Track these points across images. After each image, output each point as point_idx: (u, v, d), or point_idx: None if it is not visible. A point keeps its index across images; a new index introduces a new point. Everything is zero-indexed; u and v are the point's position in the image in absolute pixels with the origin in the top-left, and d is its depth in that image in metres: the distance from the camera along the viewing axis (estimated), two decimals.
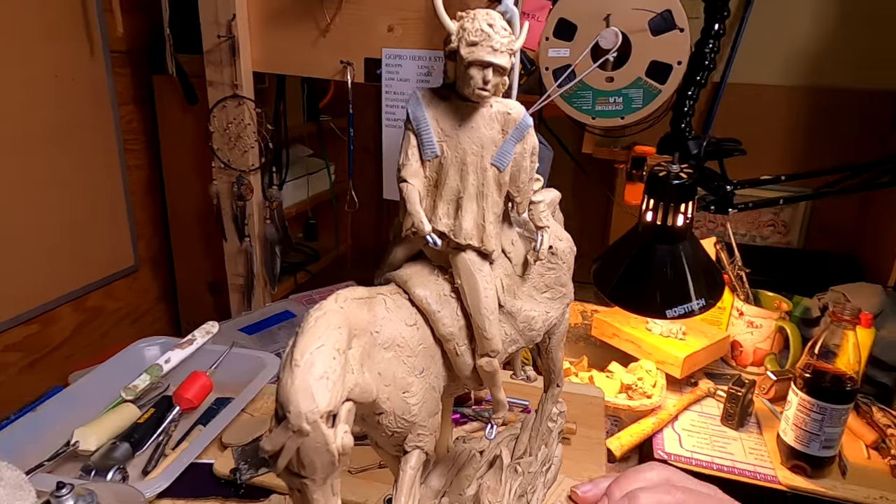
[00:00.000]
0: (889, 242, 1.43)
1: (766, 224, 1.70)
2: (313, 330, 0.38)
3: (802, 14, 1.57)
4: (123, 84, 1.50)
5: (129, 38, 1.48)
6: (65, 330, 1.44)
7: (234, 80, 1.28)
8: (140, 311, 1.66)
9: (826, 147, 1.62)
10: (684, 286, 0.95)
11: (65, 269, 1.39)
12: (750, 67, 1.61)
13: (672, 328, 1.20)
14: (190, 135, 1.54)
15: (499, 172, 0.43)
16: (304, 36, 1.24)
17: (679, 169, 0.95)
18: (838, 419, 0.91)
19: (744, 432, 1.06)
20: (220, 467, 0.82)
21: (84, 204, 1.42)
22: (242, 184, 1.34)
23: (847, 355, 0.90)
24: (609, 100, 1.05)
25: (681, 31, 0.99)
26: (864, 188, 1.12)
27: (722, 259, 1.23)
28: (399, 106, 1.25)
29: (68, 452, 0.79)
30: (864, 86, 1.56)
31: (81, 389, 0.90)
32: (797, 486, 0.94)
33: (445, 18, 0.41)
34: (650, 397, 1.09)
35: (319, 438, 0.34)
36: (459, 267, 0.45)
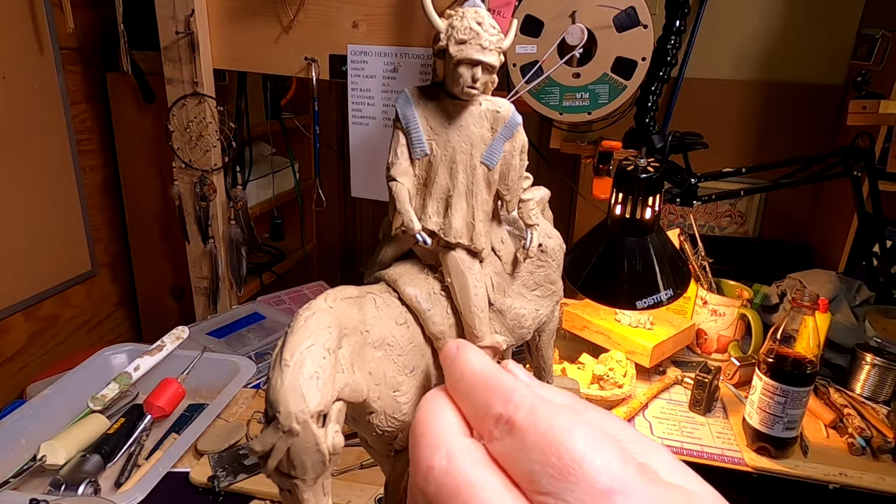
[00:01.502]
0: (839, 230, 1.49)
1: (724, 215, 1.75)
2: (303, 329, 0.37)
3: (753, 10, 1.62)
4: (75, 82, 1.44)
5: (80, 35, 1.42)
6: (17, 340, 1.38)
7: (193, 77, 1.25)
8: (98, 317, 1.60)
9: (778, 139, 1.69)
10: (653, 278, 0.98)
11: (15, 276, 1.33)
12: (705, 62, 1.66)
13: (640, 319, 1.22)
14: (148, 134, 1.49)
15: (488, 170, 0.43)
16: (266, 32, 1.21)
17: (646, 163, 0.97)
18: (800, 401, 0.95)
19: (711, 417, 1.10)
20: (196, 475, 0.80)
21: (36, 207, 1.36)
22: (205, 184, 1.31)
23: (806, 340, 0.94)
24: (576, 95, 1.07)
25: (644, 27, 1.01)
26: (818, 179, 1.17)
27: (686, 250, 1.27)
28: (365, 103, 1.24)
29: (35, 467, 0.76)
30: (812, 80, 1.63)
31: (45, 401, 0.87)
32: (762, 467, 0.98)
33: (434, 16, 0.41)
34: (621, 387, 1.11)
35: (310, 438, 0.34)
36: (449, 265, 0.45)
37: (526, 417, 0.20)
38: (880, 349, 1.12)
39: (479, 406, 0.22)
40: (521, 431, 0.20)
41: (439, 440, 0.22)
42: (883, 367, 1.10)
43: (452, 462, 0.21)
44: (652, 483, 0.18)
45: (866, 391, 1.12)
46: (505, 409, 0.21)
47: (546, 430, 0.20)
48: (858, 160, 1.14)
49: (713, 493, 0.20)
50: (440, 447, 0.22)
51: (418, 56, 1.19)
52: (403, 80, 1.21)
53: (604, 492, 0.18)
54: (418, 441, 0.23)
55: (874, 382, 1.12)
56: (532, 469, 0.19)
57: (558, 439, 0.19)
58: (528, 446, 0.20)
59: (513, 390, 0.22)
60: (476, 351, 0.25)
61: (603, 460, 0.19)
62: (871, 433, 1.01)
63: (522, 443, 0.20)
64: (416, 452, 0.22)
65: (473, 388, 0.23)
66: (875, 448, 0.99)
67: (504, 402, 0.21)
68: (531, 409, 0.21)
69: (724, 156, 1.57)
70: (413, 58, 1.19)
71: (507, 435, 0.21)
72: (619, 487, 0.18)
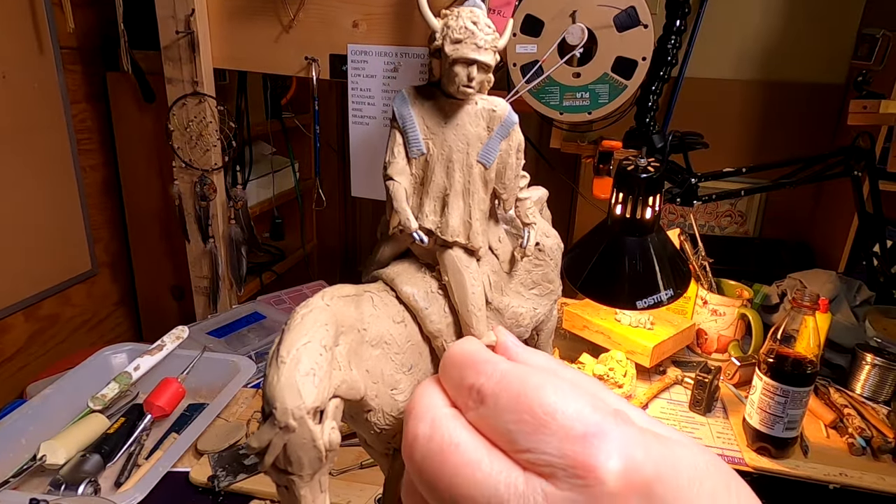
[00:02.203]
0: (839, 230, 1.49)
1: (724, 214, 1.75)
2: (300, 327, 0.37)
3: (753, 10, 1.62)
4: (75, 82, 1.44)
5: (80, 34, 1.42)
6: (17, 340, 1.38)
7: (193, 76, 1.25)
8: (98, 317, 1.60)
9: (778, 139, 1.68)
10: (653, 277, 0.98)
11: (16, 276, 1.34)
12: (705, 62, 1.66)
13: (640, 318, 1.22)
14: (148, 133, 1.49)
15: (485, 169, 0.43)
16: (266, 32, 1.21)
17: (646, 163, 0.97)
18: (800, 401, 0.95)
19: (711, 417, 1.10)
20: (196, 475, 0.80)
21: (36, 207, 1.36)
22: (205, 183, 1.31)
23: (807, 340, 0.93)
24: (576, 95, 1.07)
25: (645, 27, 1.01)
26: (819, 179, 1.17)
27: (686, 250, 1.27)
28: (365, 103, 1.24)
29: (35, 467, 0.76)
30: (813, 80, 1.63)
31: (45, 401, 0.87)
32: (762, 467, 0.98)
33: (430, 16, 0.41)
34: (621, 387, 1.11)
35: (306, 434, 0.34)
36: (446, 264, 0.45)
37: (497, 384, 0.21)
38: (880, 349, 1.12)
39: (455, 380, 0.23)
40: (493, 397, 0.21)
41: (425, 411, 0.23)
42: (883, 367, 1.10)
43: (436, 428, 0.22)
44: (626, 424, 0.19)
45: (866, 391, 1.12)
46: (476, 379, 0.22)
47: (518, 390, 0.20)
48: (859, 160, 1.14)
49: (693, 441, 0.20)
50: (425, 417, 0.22)
51: (418, 56, 1.19)
52: (403, 80, 1.20)
53: (580, 437, 0.19)
54: (407, 417, 0.24)
55: (874, 382, 1.11)
56: (508, 430, 0.20)
57: (529, 397, 0.20)
58: (501, 409, 0.20)
59: (484, 362, 0.22)
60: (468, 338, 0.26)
61: (575, 408, 0.19)
62: (871, 433, 1.01)
63: (495, 408, 0.20)
64: (405, 426, 0.23)
65: (452, 365, 0.24)
66: (875, 448, 0.99)
67: (475, 374, 0.22)
68: (502, 375, 0.21)
69: (725, 155, 1.56)
70: (413, 57, 1.19)
71: (480, 404, 0.21)
72: (594, 430, 0.19)
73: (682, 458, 0.19)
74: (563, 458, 0.18)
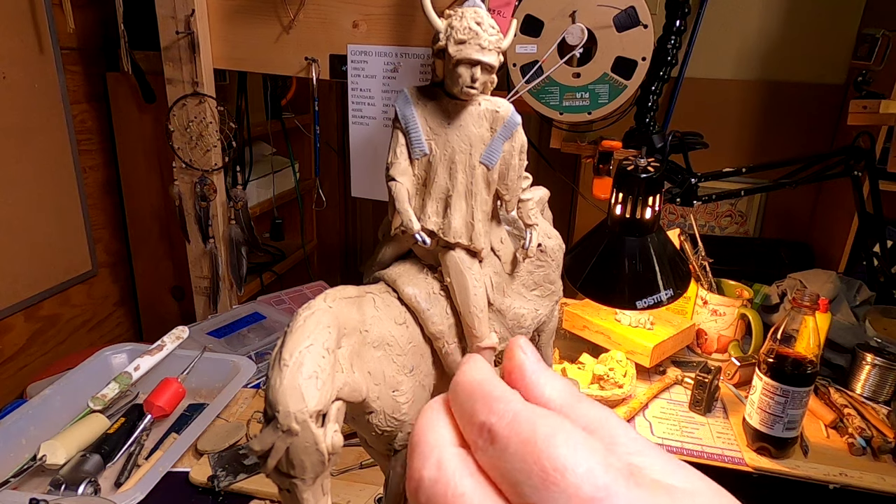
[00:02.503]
0: (839, 230, 1.49)
1: (724, 214, 1.75)
2: (302, 329, 0.37)
3: (753, 10, 1.62)
4: (76, 82, 1.44)
5: (80, 35, 1.42)
6: (18, 340, 1.38)
7: (194, 77, 1.25)
8: (99, 317, 1.60)
9: (778, 139, 1.68)
10: (653, 278, 0.98)
11: (16, 276, 1.34)
12: (705, 62, 1.66)
13: (640, 318, 1.22)
14: (148, 134, 1.49)
15: (487, 170, 0.43)
16: (266, 32, 1.21)
17: (646, 163, 0.97)
18: (800, 401, 0.95)
19: (711, 417, 1.10)
20: (196, 475, 0.80)
21: (37, 207, 1.36)
22: (205, 184, 1.31)
23: (807, 340, 0.93)
24: (576, 95, 1.07)
25: (644, 27, 1.01)
26: (819, 179, 1.17)
27: (686, 250, 1.27)
28: (365, 103, 1.24)
29: (35, 467, 0.76)
30: (813, 80, 1.63)
31: (45, 401, 0.87)
32: (762, 467, 0.98)
33: (433, 17, 0.41)
34: (621, 387, 1.11)
35: (309, 438, 0.34)
36: (449, 265, 0.45)
37: (508, 426, 0.20)
38: (881, 349, 1.12)
39: (466, 414, 0.22)
40: (503, 440, 0.20)
41: (431, 449, 0.22)
42: (883, 367, 1.10)
43: (442, 472, 0.21)
44: (637, 486, 0.18)
45: (867, 391, 1.12)
46: (488, 417, 0.21)
47: (528, 437, 0.19)
48: (859, 160, 1.14)
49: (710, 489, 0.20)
50: (431, 456, 0.22)
51: (418, 56, 1.19)
52: (403, 80, 1.20)
53: (587, 500, 0.18)
54: (413, 450, 0.23)
55: (874, 382, 1.12)
56: (516, 479, 0.19)
57: (539, 447, 0.19)
58: (511, 455, 0.20)
59: (497, 398, 0.21)
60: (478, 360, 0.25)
61: (586, 467, 0.19)
62: (871, 433, 1.01)
63: (504, 452, 0.20)
64: (410, 461, 0.22)
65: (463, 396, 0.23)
66: (875, 448, 0.99)
67: (487, 411, 0.21)
68: (514, 417, 0.20)
69: (725, 155, 1.57)
70: (413, 58, 1.19)
71: (490, 444, 0.20)
72: (602, 495, 0.18)
73: None
74: None
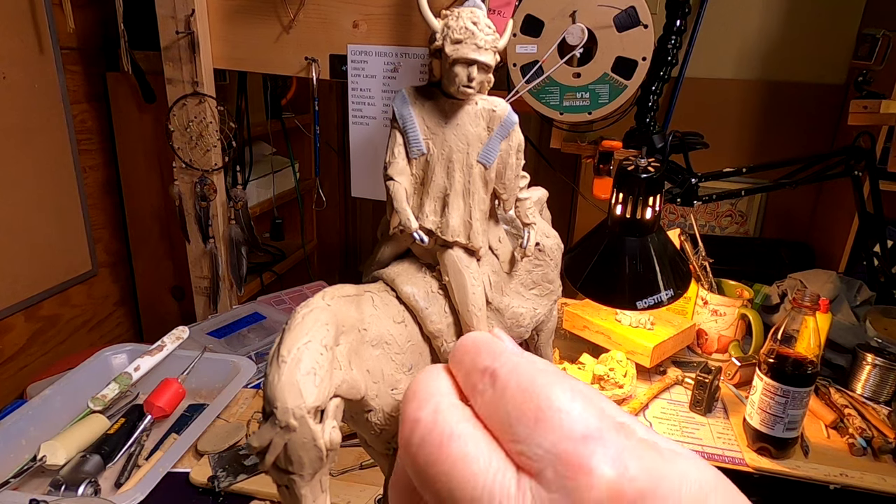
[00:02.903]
0: (839, 230, 1.49)
1: (725, 214, 1.75)
2: (300, 326, 0.37)
3: (754, 10, 1.62)
4: (76, 82, 1.44)
5: (80, 34, 1.42)
6: (18, 340, 1.38)
7: (194, 77, 1.25)
8: (99, 317, 1.60)
9: (779, 139, 1.68)
10: (653, 278, 0.98)
11: (16, 276, 1.34)
12: (706, 62, 1.66)
13: (640, 319, 1.22)
14: (148, 134, 1.49)
15: (485, 169, 0.43)
16: (266, 32, 1.21)
17: (646, 163, 0.97)
18: (801, 401, 0.95)
19: (711, 417, 1.10)
20: (196, 476, 0.80)
21: (37, 207, 1.36)
22: (205, 184, 1.31)
23: (807, 340, 0.93)
24: (576, 95, 1.07)
25: (645, 27, 1.00)
26: (819, 179, 1.17)
27: (686, 250, 1.27)
28: (365, 103, 1.24)
29: (35, 468, 0.76)
30: (813, 80, 1.63)
31: (45, 401, 0.87)
32: (763, 468, 0.98)
33: (430, 17, 0.41)
34: (622, 387, 1.11)
35: (307, 434, 0.34)
36: (447, 264, 0.45)
37: (509, 371, 0.21)
38: (881, 349, 1.12)
39: (468, 364, 0.22)
40: (503, 382, 0.21)
41: (430, 397, 0.22)
42: (884, 367, 1.10)
43: (439, 416, 0.21)
44: (627, 437, 0.19)
45: (867, 391, 1.12)
46: (492, 363, 0.22)
47: (527, 383, 0.20)
48: (859, 160, 1.13)
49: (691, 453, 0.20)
50: (429, 402, 0.22)
51: (418, 56, 1.19)
52: (403, 80, 1.20)
53: (578, 438, 0.18)
54: (409, 399, 0.23)
55: (875, 383, 1.11)
56: (508, 416, 0.20)
57: (538, 390, 0.20)
58: (509, 396, 0.20)
59: (501, 350, 0.22)
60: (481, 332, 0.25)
61: (580, 412, 0.19)
62: (871, 433, 1.01)
63: (502, 393, 0.20)
64: (405, 407, 0.23)
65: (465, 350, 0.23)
66: (876, 448, 0.99)
67: (491, 359, 0.22)
68: (515, 365, 0.21)
69: (725, 155, 1.56)
70: (413, 58, 1.19)
71: (490, 387, 0.21)
72: (594, 434, 0.18)
73: (686, 474, 0.18)
74: (556, 455, 0.18)
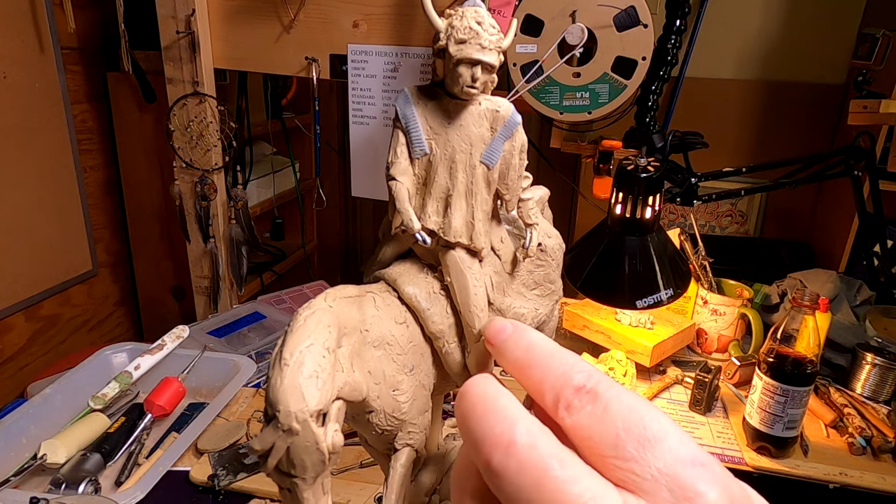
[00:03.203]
0: (839, 230, 1.49)
1: (725, 214, 1.75)
2: (302, 329, 0.37)
3: (754, 9, 1.62)
4: (76, 82, 1.44)
5: (81, 34, 1.42)
6: (18, 340, 1.38)
7: (194, 77, 1.25)
8: (99, 317, 1.60)
9: (779, 138, 1.68)
10: (653, 277, 0.98)
11: (16, 276, 1.34)
12: (705, 62, 1.66)
13: (640, 318, 1.22)
14: (148, 133, 1.49)
15: (488, 170, 0.43)
16: (267, 32, 1.22)
17: (646, 162, 0.97)
18: (800, 401, 0.95)
19: (711, 417, 1.10)
20: (196, 474, 0.80)
21: (37, 207, 1.36)
22: (206, 183, 1.31)
23: (807, 339, 0.93)
24: (576, 95, 1.07)
25: (645, 27, 1.01)
26: (819, 179, 1.17)
27: (686, 249, 1.27)
28: (366, 103, 1.24)
29: (35, 466, 0.76)
30: (813, 79, 1.63)
31: (46, 400, 0.87)
32: (763, 467, 0.98)
33: (434, 16, 0.41)
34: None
35: (309, 437, 0.34)
36: (449, 265, 0.45)
37: (608, 390, 0.21)
38: (881, 349, 1.12)
39: (557, 377, 0.22)
40: (604, 401, 0.21)
41: (516, 417, 0.21)
42: (883, 366, 1.10)
43: (537, 438, 0.21)
44: (721, 467, 0.20)
45: (867, 391, 1.12)
46: (588, 380, 0.22)
47: (630, 403, 0.20)
48: (859, 160, 1.14)
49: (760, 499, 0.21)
50: (519, 422, 0.21)
51: (418, 56, 1.19)
52: (404, 80, 1.21)
53: (689, 461, 0.19)
54: (484, 416, 0.22)
55: (875, 382, 1.12)
56: (617, 435, 0.20)
57: (641, 413, 0.20)
58: (613, 414, 0.20)
59: (589, 368, 0.22)
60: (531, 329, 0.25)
61: (684, 437, 0.20)
62: (871, 433, 1.01)
63: (606, 411, 0.20)
64: (478, 426, 0.22)
65: (549, 358, 0.23)
66: (875, 448, 0.99)
67: (586, 375, 0.22)
68: (611, 384, 0.21)
69: (725, 155, 1.57)
70: (413, 57, 1.19)
71: (590, 403, 0.21)
72: (702, 459, 0.19)
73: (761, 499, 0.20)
74: (672, 477, 0.19)
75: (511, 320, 0.26)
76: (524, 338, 0.24)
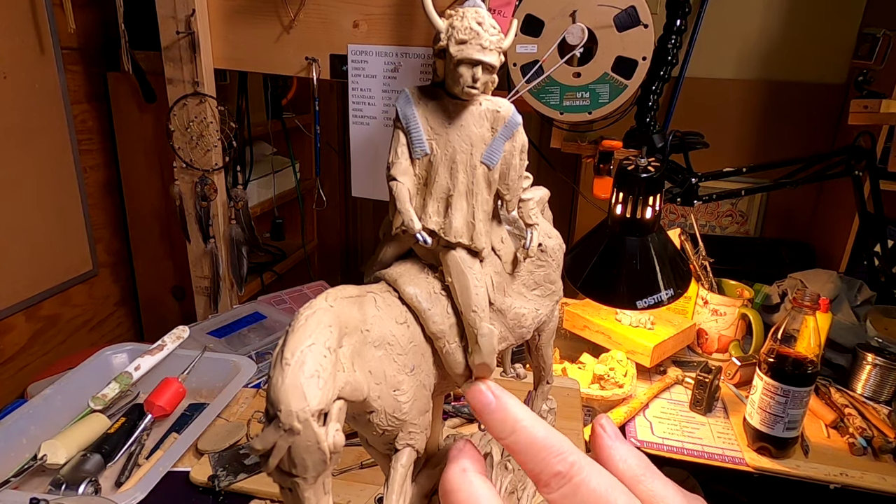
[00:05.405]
0: (840, 230, 1.49)
1: (725, 214, 1.75)
2: (303, 328, 0.37)
3: (754, 9, 1.62)
4: (76, 82, 1.44)
5: (81, 34, 1.42)
6: (18, 340, 1.38)
7: (194, 77, 1.25)
8: (99, 317, 1.60)
9: (779, 138, 1.68)
10: (653, 277, 0.98)
11: (16, 276, 1.33)
12: (706, 62, 1.66)
13: (641, 318, 1.22)
14: (149, 134, 1.49)
15: (488, 170, 0.43)
16: (267, 32, 1.21)
17: (647, 162, 0.97)
18: (801, 401, 0.95)
19: (711, 417, 1.10)
20: (197, 475, 0.80)
21: (37, 207, 1.36)
22: (206, 183, 1.31)
23: (807, 339, 0.93)
24: (576, 95, 1.07)
25: (645, 27, 1.00)
26: (820, 178, 1.17)
27: (687, 249, 1.27)
28: (366, 103, 1.24)
29: (36, 467, 0.76)
30: (814, 79, 1.63)
31: (46, 401, 0.87)
32: (763, 467, 0.98)
33: (434, 16, 0.41)
34: (622, 387, 1.11)
35: (311, 437, 0.34)
36: (450, 265, 0.45)
37: (580, 473, 0.25)
38: (881, 349, 1.12)
39: (538, 462, 0.27)
40: (575, 486, 0.25)
41: None
42: (884, 367, 1.10)
43: None
44: None
45: (867, 391, 1.12)
46: (565, 467, 0.26)
47: (595, 486, 0.25)
48: (860, 160, 1.14)
49: None
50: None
51: (419, 56, 1.19)
52: (404, 80, 1.20)
53: None
54: None
55: (875, 382, 1.12)
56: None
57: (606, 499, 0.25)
58: (581, 498, 0.25)
59: (568, 451, 0.26)
60: (517, 403, 0.30)
61: None
62: (872, 433, 1.01)
63: (574, 496, 0.25)
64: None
65: (531, 447, 0.27)
66: (876, 448, 0.99)
67: (565, 463, 0.26)
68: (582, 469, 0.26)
69: (725, 155, 1.56)
70: (413, 57, 1.19)
71: (565, 485, 0.26)
72: None
73: None
74: None
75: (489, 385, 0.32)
76: (509, 420, 0.29)
